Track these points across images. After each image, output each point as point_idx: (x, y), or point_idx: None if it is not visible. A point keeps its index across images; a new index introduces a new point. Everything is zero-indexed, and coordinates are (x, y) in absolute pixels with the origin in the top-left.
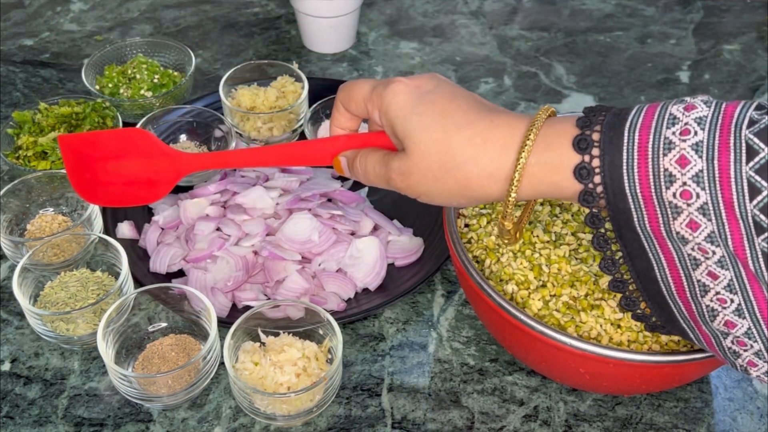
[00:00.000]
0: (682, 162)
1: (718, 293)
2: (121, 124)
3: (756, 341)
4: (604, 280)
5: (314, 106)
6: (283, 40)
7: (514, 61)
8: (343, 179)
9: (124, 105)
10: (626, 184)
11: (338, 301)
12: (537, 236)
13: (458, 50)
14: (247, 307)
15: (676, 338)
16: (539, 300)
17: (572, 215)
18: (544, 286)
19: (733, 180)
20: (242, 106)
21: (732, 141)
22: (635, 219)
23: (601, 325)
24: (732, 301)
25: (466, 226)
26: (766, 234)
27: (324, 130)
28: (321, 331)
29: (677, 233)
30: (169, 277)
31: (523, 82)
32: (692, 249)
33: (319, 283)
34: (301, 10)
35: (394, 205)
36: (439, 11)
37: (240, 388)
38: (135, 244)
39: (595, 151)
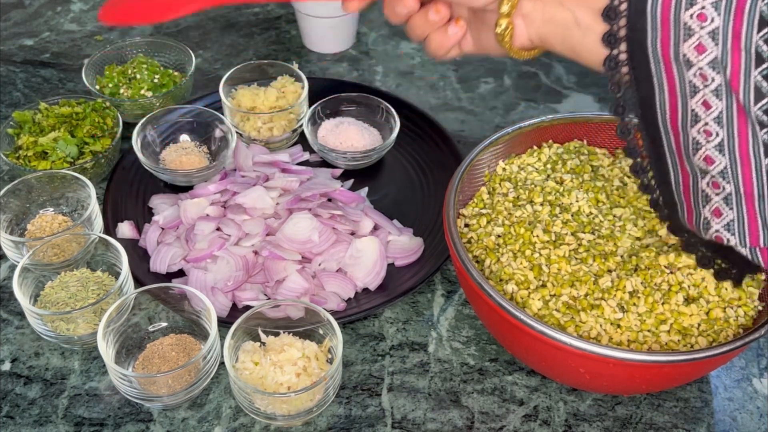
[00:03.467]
0: None
1: (706, 124)
2: (121, 124)
3: (729, 182)
4: (604, 280)
5: (314, 106)
6: (283, 40)
7: (513, 61)
8: (343, 179)
9: (124, 105)
10: (648, 3)
11: (338, 301)
12: (537, 236)
13: None
14: (247, 307)
15: (676, 338)
16: (539, 300)
17: (572, 215)
18: (544, 286)
19: (747, 11)
20: (242, 106)
21: None
22: (648, 39)
23: (600, 325)
24: (717, 134)
25: (466, 226)
26: (763, 66)
27: (324, 130)
28: (321, 331)
29: (684, 55)
30: (170, 277)
31: (523, 82)
32: (694, 75)
33: (319, 283)
34: (301, 10)
35: (394, 205)
36: None
37: (240, 388)
38: (135, 244)
39: None
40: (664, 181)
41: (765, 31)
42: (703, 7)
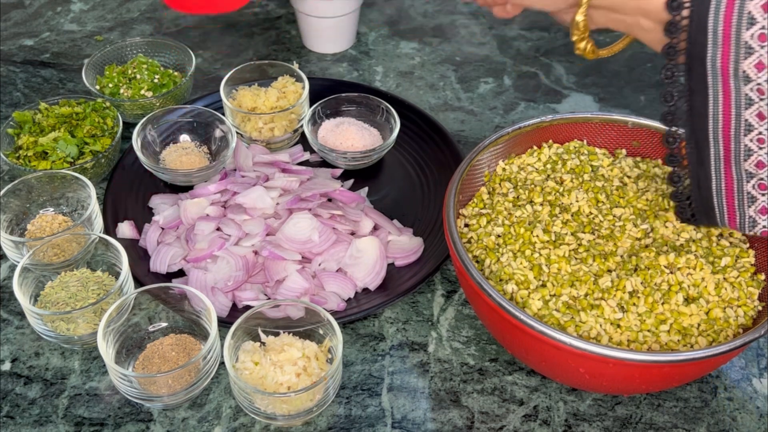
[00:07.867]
0: (766, 7)
1: (760, 133)
2: (121, 124)
3: None
4: (604, 280)
5: (314, 106)
6: (283, 40)
7: (514, 61)
8: (343, 179)
9: (124, 105)
10: (710, 21)
11: (338, 300)
12: (537, 236)
13: (458, 50)
14: (248, 307)
15: (675, 338)
16: (539, 300)
17: (572, 215)
18: (543, 285)
19: None
20: (243, 107)
21: None
22: (708, 54)
23: (600, 325)
24: None
25: (466, 226)
26: None
27: (324, 130)
28: (321, 331)
29: (743, 72)
30: (170, 276)
31: (523, 82)
32: (751, 89)
33: (319, 283)
34: (301, 10)
35: (394, 205)
36: (439, 11)
37: (240, 388)
38: (135, 244)
39: None
40: (705, 187)
41: None
42: (763, 27)
